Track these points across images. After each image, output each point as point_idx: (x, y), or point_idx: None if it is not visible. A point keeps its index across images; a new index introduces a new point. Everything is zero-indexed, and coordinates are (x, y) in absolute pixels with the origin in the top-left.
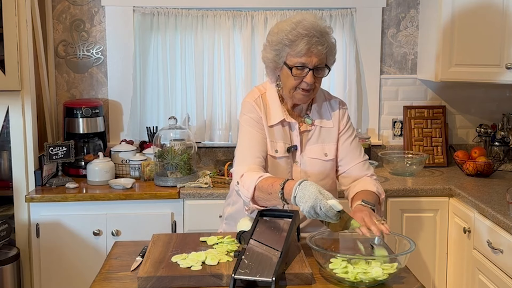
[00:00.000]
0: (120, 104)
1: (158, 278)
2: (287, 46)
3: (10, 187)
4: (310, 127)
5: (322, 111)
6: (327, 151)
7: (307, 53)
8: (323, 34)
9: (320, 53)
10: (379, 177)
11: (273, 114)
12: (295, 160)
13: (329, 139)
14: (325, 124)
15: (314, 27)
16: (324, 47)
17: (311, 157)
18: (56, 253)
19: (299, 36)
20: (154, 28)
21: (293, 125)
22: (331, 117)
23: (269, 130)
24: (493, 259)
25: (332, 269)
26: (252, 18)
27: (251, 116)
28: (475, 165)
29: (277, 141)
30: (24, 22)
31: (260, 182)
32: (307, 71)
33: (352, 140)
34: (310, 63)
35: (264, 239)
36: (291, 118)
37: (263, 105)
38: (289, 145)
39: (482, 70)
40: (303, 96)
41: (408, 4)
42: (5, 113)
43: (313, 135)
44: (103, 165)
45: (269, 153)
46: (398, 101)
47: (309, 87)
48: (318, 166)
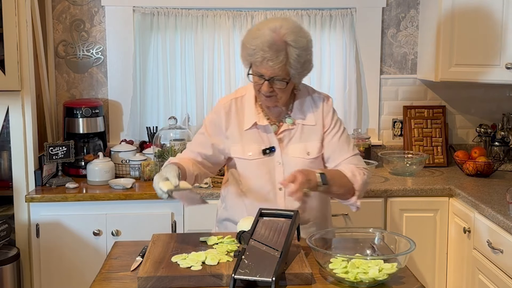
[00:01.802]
0: (120, 104)
1: (158, 278)
2: (249, 54)
3: (10, 187)
4: (291, 126)
5: (305, 108)
6: (309, 149)
7: (260, 65)
8: (280, 50)
9: (272, 68)
10: (379, 177)
11: (246, 118)
12: (278, 161)
13: (313, 137)
14: (308, 122)
15: (271, 42)
16: (276, 63)
17: (293, 156)
18: (56, 253)
19: (256, 47)
20: (154, 28)
21: (267, 128)
22: (314, 114)
23: (242, 134)
24: (493, 259)
25: (332, 269)
26: (252, 18)
27: (212, 117)
28: (475, 165)
29: (249, 144)
30: (24, 22)
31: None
32: (263, 81)
33: (340, 135)
34: (266, 74)
35: (264, 239)
36: (264, 121)
37: (236, 110)
38: (265, 146)
39: (482, 70)
40: (266, 100)
41: (408, 4)
42: (5, 113)
43: (295, 134)
44: (103, 165)
45: (241, 157)
46: (398, 101)
47: (266, 94)
48: (300, 165)
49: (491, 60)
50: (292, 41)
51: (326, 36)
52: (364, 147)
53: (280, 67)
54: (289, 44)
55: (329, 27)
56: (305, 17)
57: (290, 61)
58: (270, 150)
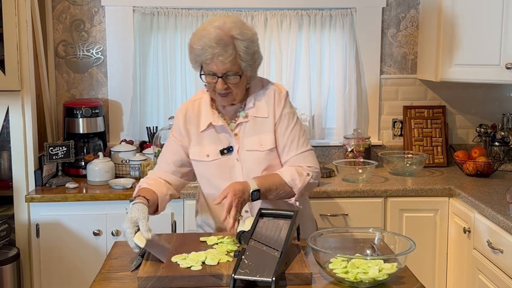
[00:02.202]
0: (120, 104)
1: (158, 278)
2: (197, 55)
3: (10, 187)
4: (244, 119)
5: (257, 101)
6: (263, 141)
7: (211, 63)
8: (228, 44)
9: (223, 64)
10: (379, 177)
11: (202, 119)
12: (236, 158)
13: (265, 129)
14: (260, 114)
15: (218, 37)
16: (226, 57)
17: (248, 150)
18: (56, 253)
19: (204, 46)
20: (154, 28)
21: (223, 128)
22: (266, 106)
23: (200, 136)
24: (493, 259)
25: (332, 269)
26: (252, 18)
27: (174, 124)
28: (475, 165)
29: (207, 145)
30: (24, 22)
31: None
32: (216, 79)
33: (291, 129)
34: (218, 71)
35: (264, 239)
36: (219, 121)
37: (193, 113)
38: (223, 147)
39: (482, 70)
40: (222, 100)
41: (408, 4)
42: (5, 113)
43: (248, 127)
44: (103, 165)
45: (199, 159)
46: (398, 101)
47: (223, 93)
48: (255, 158)
49: (491, 60)
50: (238, 34)
51: (326, 36)
52: (364, 147)
53: (230, 61)
54: (235, 37)
55: (329, 27)
56: (305, 17)
57: (239, 54)
58: (228, 150)
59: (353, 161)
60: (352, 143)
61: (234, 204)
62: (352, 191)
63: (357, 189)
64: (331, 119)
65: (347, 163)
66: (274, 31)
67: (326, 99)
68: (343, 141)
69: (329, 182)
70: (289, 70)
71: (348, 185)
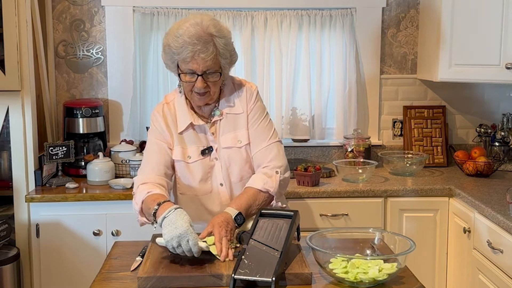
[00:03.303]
0: (120, 104)
1: (158, 278)
2: (175, 54)
3: (10, 187)
4: (219, 117)
5: (230, 98)
6: (240, 137)
7: (192, 61)
8: (208, 41)
9: (204, 61)
10: (379, 177)
11: (180, 120)
12: (215, 157)
13: (240, 125)
14: (234, 111)
15: (198, 35)
16: (207, 54)
17: (225, 147)
18: (56, 253)
19: (184, 44)
20: (154, 28)
21: (203, 128)
22: (239, 102)
23: (179, 138)
24: (493, 259)
25: (332, 269)
26: (252, 18)
27: (154, 127)
28: (475, 165)
29: (188, 147)
30: (24, 22)
31: (146, 197)
32: (196, 77)
33: (260, 122)
34: (198, 70)
35: (264, 239)
36: (199, 120)
37: (170, 114)
38: (203, 147)
39: (482, 70)
40: (200, 99)
41: (408, 4)
42: (5, 113)
43: (224, 124)
44: (103, 165)
45: (182, 160)
46: (398, 101)
47: (201, 91)
48: (235, 154)
49: (491, 60)
50: (216, 32)
51: (326, 36)
52: (364, 147)
53: (212, 59)
54: (214, 35)
55: (329, 27)
56: (305, 17)
57: (220, 51)
58: (209, 150)
59: (353, 161)
60: (352, 143)
61: (223, 234)
62: (352, 191)
63: (357, 189)
64: (331, 119)
65: (347, 163)
66: (274, 31)
67: (326, 99)
68: (343, 141)
69: (329, 182)
70: (289, 70)
71: (348, 185)
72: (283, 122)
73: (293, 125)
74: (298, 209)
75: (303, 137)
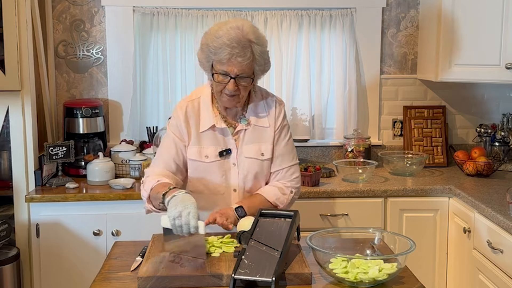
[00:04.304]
0: (120, 104)
1: (158, 278)
2: (212, 53)
3: (10, 187)
4: (246, 127)
5: (258, 110)
6: (263, 150)
7: (228, 63)
8: (246, 47)
9: (240, 65)
10: (379, 177)
11: (203, 120)
12: (233, 162)
13: (265, 138)
14: (261, 124)
15: (238, 38)
16: (244, 59)
17: (247, 157)
18: (56, 253)
19: (222, 45)
20: (154, 28)
21: (225, 131)
22: (267, 116)
23: (199, 136)
24: (493, 259)
25: (332, 269)
26: (252, 18)
27: (173, 122)
28: (475, 165)
29: (207, 147)
30: (24, 22)
31: (157, 184)
32: (229, 79)
33: (287, 142)
34: (232, 72)
35: (264, 239)
36: (222, 123)
37: (193, 112)
38: (222, 149)
39: (482, 70)
40: (228, 101)
41: (408, 4)
42: (5, 113)
43: (248, 135)
44: (103, 165)
45: (197, 159)
46: (398, 101)
47: (231, 93)
48: (255, 166)
49: (491, 60)
50: (255, 38)
51: (326, 36)
52: (364, 147)
53: (248, 64)
54: (253, 41)
55: (329, 27)
56: (305, 17)
57: (256, 58)
58: (227, 152)
59: (353, 161)
60: (352, 143)
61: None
62: (352, 191)
63: (357, 189)
64: (331, 119)
65: (347, 163)
66: (274, 31)
67: (326, 99)
68: (343, 141)
69: (329, 182)
70: (289, 70)
71: (348, 185)
72: None
73: (293, 125)
74: (298, 209)
75: (303, 137)
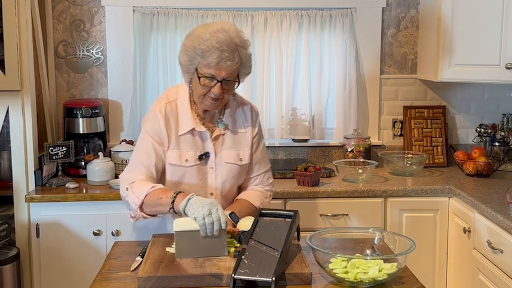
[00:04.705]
0: (120, 104)
1: (158, 278)
2: (199, 56)
3: (10, 187)
4: (223, 131)
5: (236, 115)
6: (242, 156)
7: (216, 66)
8: (235, 50)
9: (229, 68)
10: (379, 177)
11: (182, 123)
12: (210, 166)
13: (243, 144)
14: (238, 129)
15: (227, 42)
16: (234, 63)
17: (227, 162)
18: (56, 253)
19: (211, 48)
20: (154, 28)
21: (204, 134)
22: (244, 122)
23: (178, 139)
24: (493, 259)
25: (332, 269)
26: (252, 18)
27: (152, 126)
28: (475, 165)
29: (186, 150)
30: (24, 22)
31: (152, 191)
32: (216, 83)
33: (263, 147)
34: (219, 76)
35: (264, 239)
36: (201, 126)
37: (172, 114)
38: (201, 152)
39: (482, 70)
40: (211, 104)
41: (408, 4)
42: (5, 113)
43: (227, 140)
44: (103, 165)
45: (178, 163)
46: (398, 101)
47: (216, 97)
48: (234, 171)
49: (491, 60)
50: (240, 42)
51: (326, 36)
52: (364, 147)
53: (236, 68)
54: (239, 45)
55: (329, 27)
56: (305, 17)
57: (243, 61)
58: (206, 155)
59: (353, 161)
60: (352, 143)
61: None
62: (352, 191)
63: (357, 189)
64: (331, 119)
65: (347, 163)
66: (274, 31)
67: (326, 99)
68: (343, 141)
69: (329, 182)
70: (289, 70)
71: (348, 185)
72: (283, 122)
73: (293, 125)
74: (298, 209)
75: (303, 137)
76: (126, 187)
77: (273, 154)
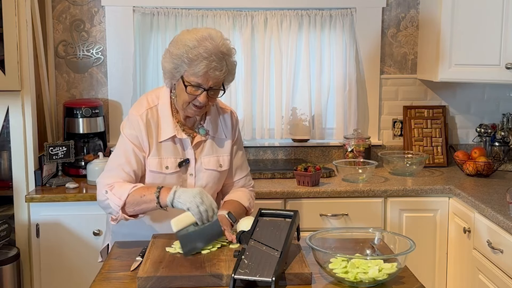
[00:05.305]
0: (120, 104)
1: (158, 278)
2: (186, 64)
3: (10, 187)
4: (204, 138)
5: (217, 121)
6: (221, 162)
7: (204, 75)
8: (223, 59)
9: (217, 78)
10: (379, 177)
11: (163, 129)
12: (190, 172)
13: (223, 149)
14: (218, 135)
15: (215, 51)
16: (222, 73)
17: (207, 168)
18: (56, 253)
19: (199, 57)
20: (154, 28)
21: (185, 141)
22: (224, 128)
23: (158, 146)
24: (493, 259)
25: (332, 269)
26: (252, 18)
27: (133, 132)
28: (475, 165)
29: (167, 157)
30: (24, 22)
31: (134, 190)
32: (202, 91)
33: (242, 152)
34: (206, 85)
35: (264, 239)
36: (182, 133)
37: (153, 120)
38: (181, 159)
39: (482, 70)
40: (194, 111)
41: (408, 4)
42: (5, 113)
43: (207, 146)
44: (103, 165)
45: (158, 170)
46: (398, 101)
47: (201, 105)
48: (214, 177)
49: (491, 60)
50: (227, 51)
51: (326, 36)
52: (364, 147)
53: (223, 77)
54: (226, 53)
55: (329, 27)
56: (305, 17)
57: (230, 70)
58: (185, 162)
59: (353, 161)
60: (352, 143)
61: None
62: (352, 191)
63: (357, 189)
64: (331, 119)
65: (347, 163)
66: (274, 31)
67: (326, 99)
68: (343, 141)
69: (329, 182)
70: (289, 70)
71: (348, 185)
72: (283, 122)
73: (293, 125)
74: (298, 209)
75: (303, 137)
76: (105, 190)
77: (273, 154)
